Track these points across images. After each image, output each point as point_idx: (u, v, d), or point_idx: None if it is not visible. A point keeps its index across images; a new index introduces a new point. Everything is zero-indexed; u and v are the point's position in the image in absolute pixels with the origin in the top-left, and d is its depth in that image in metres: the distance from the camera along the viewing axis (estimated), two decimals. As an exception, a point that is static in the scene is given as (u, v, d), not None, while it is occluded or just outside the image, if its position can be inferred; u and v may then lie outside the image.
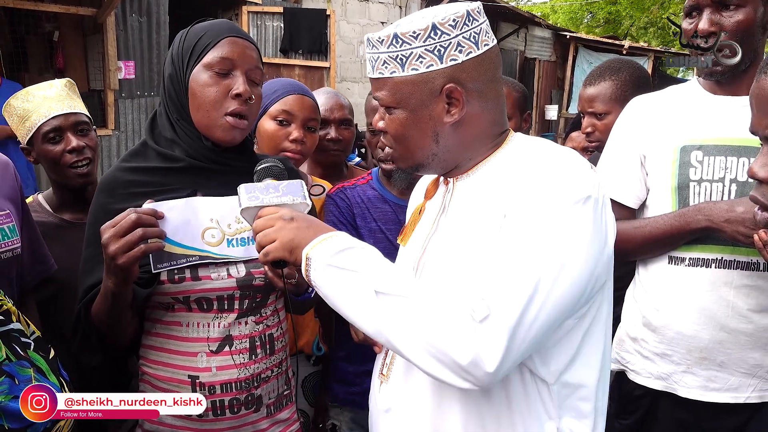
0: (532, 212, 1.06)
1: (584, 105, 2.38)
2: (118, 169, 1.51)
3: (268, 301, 1.54)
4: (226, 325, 1.47)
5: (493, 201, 1.15)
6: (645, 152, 1.80)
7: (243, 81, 1.44)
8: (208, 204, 1.43)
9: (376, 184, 2.10)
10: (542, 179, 1.08)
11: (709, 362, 1.72)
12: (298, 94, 2.04)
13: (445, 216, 1.27)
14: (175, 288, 1.43)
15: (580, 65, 15.00)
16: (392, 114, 1.21)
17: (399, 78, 1.17)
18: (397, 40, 1.15)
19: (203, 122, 1.46)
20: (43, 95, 1.97)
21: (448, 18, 1.13)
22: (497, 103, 1.23)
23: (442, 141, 1.20)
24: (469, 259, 1.15)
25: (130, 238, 1.27)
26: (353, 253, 1.11)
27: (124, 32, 7.12)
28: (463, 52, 1.15)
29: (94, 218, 1.48)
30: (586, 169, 1.12)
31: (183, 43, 1.48)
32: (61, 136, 1.96)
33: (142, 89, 7.38)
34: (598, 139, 2.36)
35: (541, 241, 1.04)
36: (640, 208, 1.86)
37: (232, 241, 1.44)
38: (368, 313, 1.07)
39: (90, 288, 1.44)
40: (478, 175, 1.23)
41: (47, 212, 2.02)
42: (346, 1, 10.31)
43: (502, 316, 1.00)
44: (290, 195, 1.24)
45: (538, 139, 1.24)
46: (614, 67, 2.36)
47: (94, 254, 1.45)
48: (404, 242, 1.39)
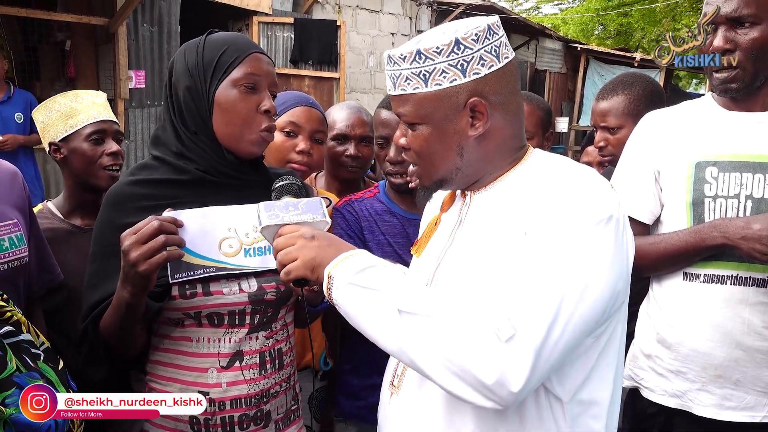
0: (556, 232, 1.06)
1: (597, 119, 2.38)
2: (126, 183, 1.50)
3: (278, 316, 1.54)
4: (236, 341, 1.46)
5: (512, 216, 1.15)
6: (659, 168, 1.80)
7: (269, 96, 1.48)
8: (225, 213, 1.44)
9: (383, 197, 2.10)
10: (565, 198, 1.09)
11: (725, 380, 1.70)
12: (306, 106, 2.05)
13: (462, 229, 1.27)
14: (186, 303, 1.42)
15: (591, 77, 15.00)
16: (416, 130, 1.22)
17: (422, 94, 1.18)
18: (420, 56, 1.16)
19: (232, 137, 1.47)
20: (92, 100, 2.10)
21: (470, 32, 1.15)
22: (518, 116, 1.25)
23: (466, 155, 1.21)
24: (485, 275, 1.15)
25: (153, 244, 1.27)
26: (375, 272, 1.12)
27: (136, 42, 7.20)
28: (485, 66, 1.16)
29: (100, 233, 1.48)
30: (608, 188, 1.13)
31: (202, 55, 1.48)
32: (103, 140, 2.07)
33: (153, 98, 7.44)
34: (611, 153, 2.35)
35: (565, 261, 1.04)
36: (654, 224, 1.85)
37: (250, 250, 1.44)
38: (391, 332, 1.08)
39: (96, 304, 1.43)
40: (496, 189, 1.24)
41: (58, 218, 2.05)
42: (356, 12, 10.38)
43: (527, 335, 1.01)
44: (310, 213, 1.25)
45: (558, 157, 1.25)
46: (627, 81, 2.36)
47: (100, 269, 1.45)
48: (418, 254, 1.39)
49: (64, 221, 2.05)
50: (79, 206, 2.09)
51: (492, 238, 1.17)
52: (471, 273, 1.18)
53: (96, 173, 2.05)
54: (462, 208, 1.30)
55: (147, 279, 1.29)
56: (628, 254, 1.14)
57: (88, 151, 2.04)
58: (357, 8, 10.37)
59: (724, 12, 1.65)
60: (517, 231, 1.12)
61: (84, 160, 2.05)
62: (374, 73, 10.83)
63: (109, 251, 1.42)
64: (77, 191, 2.09)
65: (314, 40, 9.11)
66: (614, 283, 1.08)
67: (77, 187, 2.09)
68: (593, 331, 1.11)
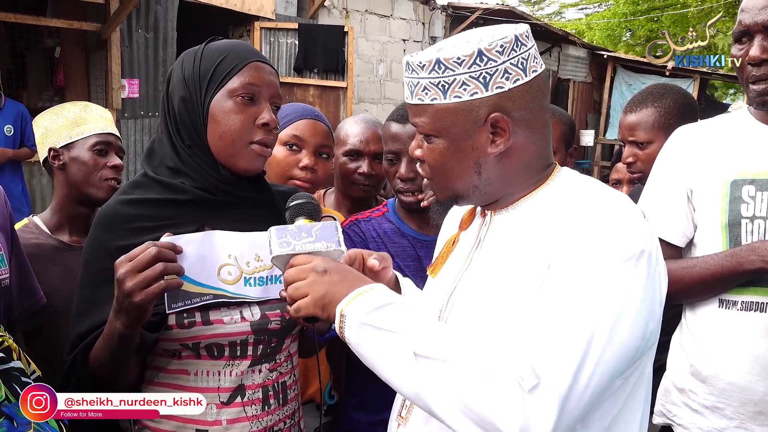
0: (582, 268, 1.06)
1: (625, 133, 2.39)
2: (118, 202, 1.49)
3: (282, 346, 1.53)
4: (238, 374, 1.45)
5: (535, 244, 1.15)
6: (692, 186, 1.80)
7: (268, 109, 1.48)
8: (226, 239, 1.43)
9: (392, 216, 2.09)
10: (592, 231, 1.08)
11: (766, 417, 1.69)
12: (311, 119, 2.07)
13: (480, 251, 1.28)
14: (184, 333, 1.41)
15: (619, 87, 15.03)
16: (432, 143, 1.22)
17: (440, 105, 1.18)
18: (440, 65, 1.16)
19: (226, 151, 1.47)
20: (101, 114, 2.24)
21: (495, 44, 1.14)
22: (544, 133, 1.24)
23: (484, 173, 1.21)
24: (504, 307, 1.15)
25: (150, 273, 1.25)
26: (390, 311, 1.12)
27: (129, 49, 7.30)
28: (510, 80, 1.16)
29: (91, 257, 1.47)
30: (639, 219, 1.13)
31: (199, 64, 1.48)
32: (107, 153, 2.17)
33: (147, 109, 7.51)
34: (639, 169, 2.36)
35: (592, 302, 1.04)
36: (687, 247, 1.85)
37: (250, 279, 1.44)
38: (406, 376, 1.08)
39: (86, 333, 1.41)
40: (519, 210, 1.24)
41: (45, 234, 2.09)
42: (365, 17, 10.48)
43: (552, 384, 1.01)
44: (323, 241, 1.24)
45: (586, 179, 1.25)
46: (657, 92, 2.37)
47: (89, 297, 1.44)
48: (434, 274, 1.39)
49: (51, 237, 2.08)
50: (68, 221, 2.13)
51: (512, 266, 1.17)
52: (488, 303, 1.18)
53: (95, 184, 2.12)
54: (481, 229, 1.30)
55: (142, 310, 1.28)
56: (660, 290, 1.13)
57: (90, 161, 2.12)
58: (366, 13, 10.48)
59: (761, 20, 1.66)
60: (539, 262, 1.12)
61: (85, 169, 2.12)
62: (384, 82, 10.91)
63: (101, 276, 1.41)
64: (69, 204, 2.14)
65: (320, 47, 9.20)
66: (645, 324, 1.08)
67: (70, 199, 2.14)
68: (622, 374, 1.11)
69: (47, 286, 1.87)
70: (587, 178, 1.25)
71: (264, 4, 8.78)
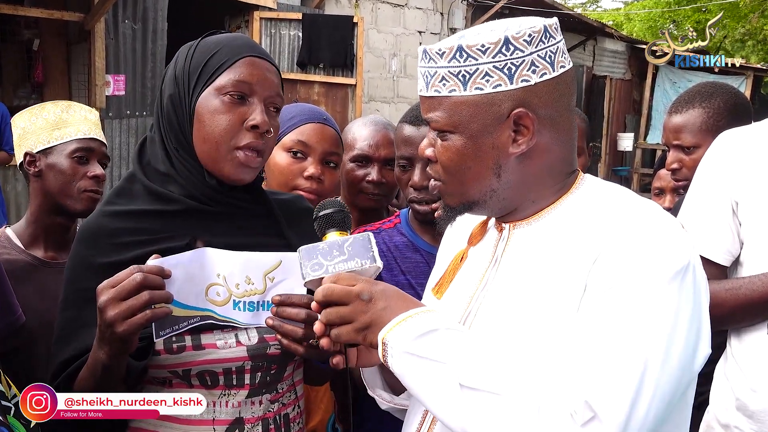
0: (627, 290, 1.07)
1: (669, 136, 2.40)
2: (102, 214, 1.50)
3: (284, 374, 1.53)
4: (235, 405, 1.45)
5: (566, 263, 1.16)
6: (737, 198, 1.81)
7: (261, 110, 1.45)
8: (217, 257, 1.42)
9: (405, 228, 2.10)
10: (634, 248, 1.09)
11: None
12: (318, 123, 2.07)
13: (497, 270, 1.27)
14: (173, 359, 1.40)
15: (661, 85, 15.01)
16: (446, 140, 1.22)
17: (459, 98, 1.19)
18: (462, 53, 1.17)
19: (210, 155, 1.46)
20: (84, 115, 2.21)
21: (522, 32, 1.15)
22: (569, 136, 1.25)
23: (504, 176, 1.22)
24: (534, 333, 1.15)
25: (134, 302, 1.24)
26: (435, 338, 1.13)
27: (115, 41, 7.37)
28: (537, 73, 1.17)
29: (74, 275, 1.47)
30: (679, 230, 1.14)
31: (191, 59, 1.48)
32: (88, 160, 2.16)
33: (134, 108, 7.58)
34: (685, 177, 2.36)
35: (642, 327, 1.06)
36: (732, 266, 1.86)
37: (239, 303, 1.43)
38: (452, 408, 1.10)
39: (69, 360, 1.41)
40: (542, 224, 1.25)
41: (17, 249, 2.10)
42: (377, 7, 10.53)
43: (608, 417, 1.03)
44: (357, 258, 1.25)
45: (614, 187, 1.26)
46: (705, 92, 2.38)
47: (73, 318, 1.45)
48: (440, 295, 1.39)
49: (24, 252, 2.10)
50: (43, 233, 2.14)
51: (541, 289, 1.17)
52: (516, 329, 1.18)
53: (72, 194, 2.12)
54: (498, 244, 1.30)
55: (126, 341, 1.27)
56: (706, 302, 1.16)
57: (68, 169, 2.12)
58: (378, 2, 10.54)
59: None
60: (573, 282, 1.13)
61: (62, 178, 2.12)
62: (397, 78, 10.95)
63: (84, 297, 1.42)
64: (45, 214, 2.15)
65: (326, 40, 9.26)
66: (696, 340, 1.10)
67: (45, 209, 2.14)
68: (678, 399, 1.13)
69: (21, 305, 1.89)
70: (614, 185, 1.27)
71: (264, -8, 8.85)
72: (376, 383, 1.46)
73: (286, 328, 1.37)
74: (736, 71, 14.31)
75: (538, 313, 1.16)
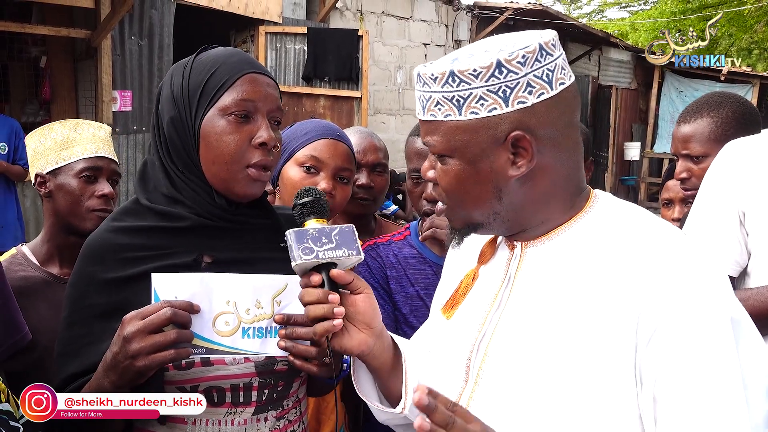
0: (691, 337, 1.07)
1: (678, 146, 2.40)
2: (108, 230, 1.50)
3: (290, 391, 1.53)
4: (241, 423, 1.45)
5: (595, 295, 1.14)
6: (744, 208, 1.80)
7: (266, 126, 1.46)
8: (225, 283, 1.39)
9: (414, 240, 2.12)
10: (690, 292, 1.08)
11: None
12: (332, 139, 2.08)
13: (513, 291, 1.25)
14: (181, 376, 1.40)
15: (668, 94, 15.02)
16: (446, 164, 1.21)
17: (455, 122, 1.17)
18: (454, 78, 1.15)
19: (220, 176, 1.46)
20: (93, 133, 2.21)
21: (516, 54, 1.13)
22: (574, 153, 1.23)
23: (506, 198, 1.20)
24: (562, 363, 1.13)
25: (162, 339, 1.25)
26: None
27: (122, 57, 7.42)
28: (533, 94, 1.14)
29: (77, 291, 1.47)
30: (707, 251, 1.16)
31: (188, 79, 1.48)
32: (96, 179, 2.17)
33: (140, 123, 7.62)
34: (694, 186, 2.35)
35: (719, 374, 1.06)
36: (740, 276, 1.85)
37: (249, 330, 1.41)
38: None
39: (74, 376, 1.41)
40: (557, 243, 1.23)
41: (34, 266, 2.12)
42: (382, 20, 10.58)
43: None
44: (344, 247, 1.30)
45: (628, 206, 1.24)
46: (714, 101, 2.38)
47: (78, 335, 1.44)
48: (449, 315, 1.37)
49: (40, 269, 2.11)
50: (58, 251, 2.15)
51: (565, 316, 1.15)
52: (542, 357, 1.16)
53: (81, 215, 2.12)
54: (510, 263, 1.28)
55: (141, 375, 1.27)
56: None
57: (76, 190, 2.12)
58: (382, 15, 10.59)
59: None
60: (612, 327, 1.11)
61: (71, 198, 2.13)
62: (403, 90, 10.99)
63: (90, 313, 1.43)
64: (58, 233, 2.16)
65: (331, 53, 9.31)
66: None
67: (59, 228, 2.16)
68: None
69: (35, 321, 1.89)
70: (630, 205, 1.25)
71: (270, 7, 8.90)
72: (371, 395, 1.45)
73: (300, 348, 1.37)
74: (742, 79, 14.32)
75: (564, 342, 1.14)
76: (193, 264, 1.45)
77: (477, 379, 1.24)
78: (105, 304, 1.43)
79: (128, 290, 1.42)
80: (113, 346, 1.28)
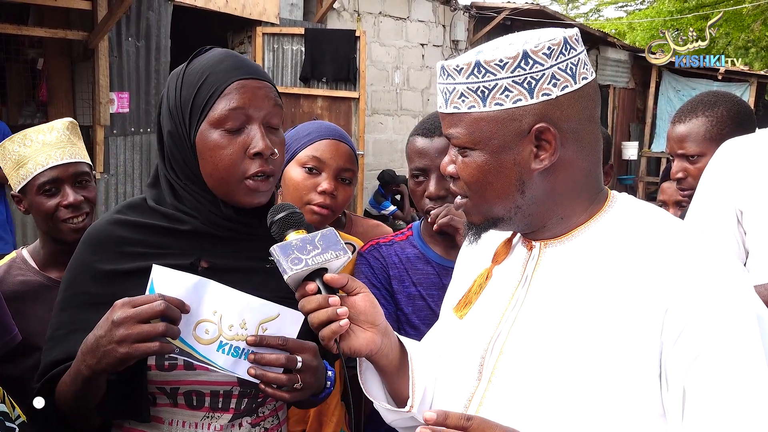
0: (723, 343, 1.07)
1: (673, 146, 2.41)
2: (110, 222, 1.51)
3: (268, 398, 1.53)
4: (217, 428, 1.46)
5: (618, 295, 1.14)
6: (742, 207, 1.82)
7: (261, 134, 1.43)
8: (219, 293, 1.37)
9: (417, 241, 2.13)
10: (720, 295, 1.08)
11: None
12: (333, 140, 2.10)
13: (530, 291, 1.25)
14: (162, 377, 1.41)
15: (665, 93, 15.04)
16: (468, 157, 1.22)
17: (479, 114, 1.18)
18: (480, 68, 1.16)
19: (220, 188, 1.46)
20: (42, 140, 2.09)
21: (542, 45, 1.15)
22: (594, 149, 1.24)
23: (528, 191, 1.21)
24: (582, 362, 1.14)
25: (150, 329, 1.23)
26: None
27: (119, 59, 7.41)
28: (557, 86, 1.16)
29: (74, 277, 1.49)
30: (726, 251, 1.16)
31: (180, 92, 1.47)
32: (58, 189, 2.08)
33: (138, 125, 7.60)
34: (690, 186, 2.37)
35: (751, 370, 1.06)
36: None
37: (225, 345, 1.37)
38: None
39: (56, 363, 1.42)
40: (576, 243, 1.23)
41: (32, 270, 2.13)
42: (379, 20, 10.59)
43: None
44: (331, 250, 1.31)
45: (648, 207, 1.25)
46: (709, 101, 2.39)
47: (67, 321, 1.46)
48: (462, 315, 1.36)
49: (39, 273, 2.13)
50: (54, 256, 2.16)
51: (585, 315, 1.15)
52: (560, 358, 1.16)
53: (57, 228, 2.08)
54: (527, 263, 1.28)
55: (122, 362, 1.26)
56: None
57: (42, 206, 2.07)
58: (380, 15, 10.60)
59: None
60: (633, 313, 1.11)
61: (42, 215, 2.09)
62: (400, 91, 10.99)
63: (81, 301, 1.45)
64: (48, 242, 2.17)
65: (329, 54, 9.31)
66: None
67: (45, 239, 2.17)
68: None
69: (34, 325, 1.92)
70: (649, 206, 1.26)
71: (267, 8, 8.91)
72: (379, 396, 1.45)
73: (270, 376, 1.35)
74: (739, 78, 14.33)
75: (584, 342, 1.15)
76: (190, 267, 1.46)
77: (491, 378, 1.24)
78: (97, 294, 1.45)
79: (122, 284, 1.43)
80: (98, 329, 1.27)
